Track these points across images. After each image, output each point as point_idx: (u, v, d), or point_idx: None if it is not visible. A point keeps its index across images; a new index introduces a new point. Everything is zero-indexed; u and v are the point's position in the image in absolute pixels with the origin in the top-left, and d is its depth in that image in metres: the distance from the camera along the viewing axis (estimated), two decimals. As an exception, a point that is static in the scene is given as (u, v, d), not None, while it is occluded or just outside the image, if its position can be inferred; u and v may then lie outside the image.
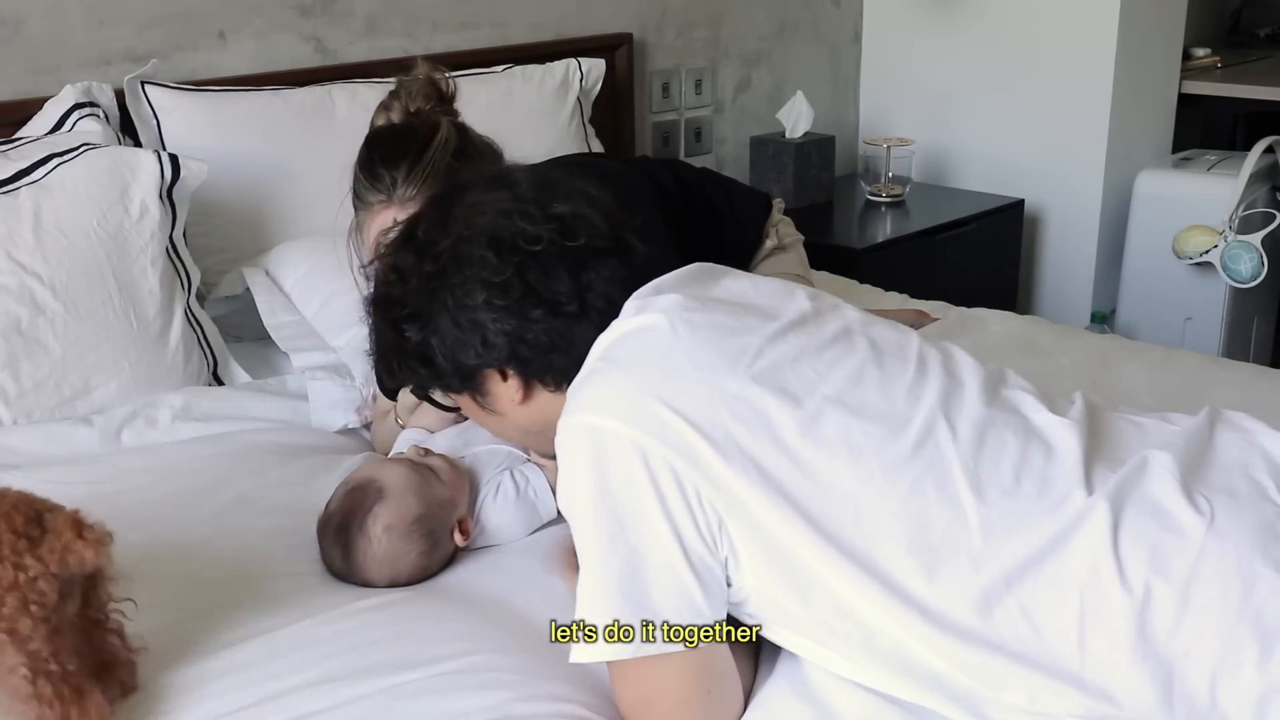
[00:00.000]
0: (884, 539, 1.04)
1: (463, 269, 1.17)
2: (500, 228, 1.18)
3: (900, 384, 1.12)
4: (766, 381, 1.09)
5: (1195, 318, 3.13)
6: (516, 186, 1.22)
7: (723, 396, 1.07)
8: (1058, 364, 1.99)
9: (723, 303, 1.18)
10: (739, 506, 1.05)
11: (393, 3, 2.44)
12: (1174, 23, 3.26)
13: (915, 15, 3.34)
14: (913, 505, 1.05)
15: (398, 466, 1.40)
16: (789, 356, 1.12)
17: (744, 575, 1.07)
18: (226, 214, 2.08)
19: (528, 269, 1.16)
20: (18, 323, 1.71)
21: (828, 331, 1.17)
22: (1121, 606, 1.00)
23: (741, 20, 3.12)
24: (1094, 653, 1.00)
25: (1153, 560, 1.01)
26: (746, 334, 1.13)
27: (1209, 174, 3.11)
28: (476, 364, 1.20)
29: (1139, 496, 1.05)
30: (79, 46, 2.08)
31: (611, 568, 1.05)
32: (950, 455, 1.07)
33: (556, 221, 1.18)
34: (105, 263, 1.79)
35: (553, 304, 1.17)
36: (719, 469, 1.05)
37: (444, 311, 1.19)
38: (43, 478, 1.60)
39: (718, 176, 2.08)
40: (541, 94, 2.46)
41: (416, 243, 1.21)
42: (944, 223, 2.97)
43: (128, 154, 1.87)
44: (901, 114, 3.40)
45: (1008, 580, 1.02)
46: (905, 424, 1.09)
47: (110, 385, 1.79)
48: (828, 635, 1.08)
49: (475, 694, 1.14)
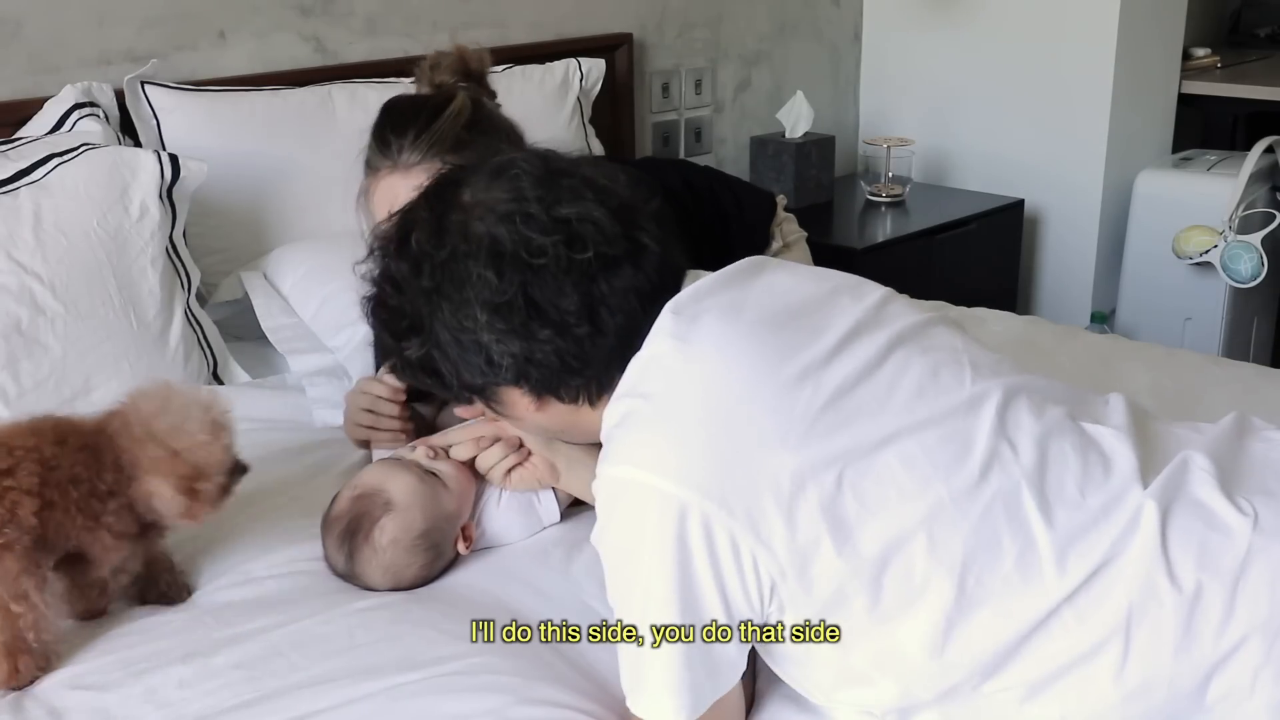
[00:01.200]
0: (956, 573, 1.01)
1: (462, 289, 1.08)
2: (500, 239, 1.08)
3: (959, 396, 1.08)
4: (833, 414, 1.03)
5: (1195, 318, 3.13)
6: (519, 180, 1.11)
7: (798, 449, 1.01)
8: (1058, 364, 1.99)
9: (767, 315, 1.11)
10: (796, 566, 1.00)
11: (393, 3, 2.44)
12: (1174, 23, 3.26)
13: (915, 15, 3.34)
14: (984, 533, 1.01)
15: (406, 476, 1.38)
16: (850, 379, 1.06)
17: (787, 618, 1.04)
18: (226, 214, 2.08)
19: (531, 286, 1.07)
20: (18, 323, 1.71)
21: (881, 339, 1.11)
22: (1172, 605, 0.99)
23: (741, 20, 3.12)
24: (1137, 652, 0.99)
25: (1200, 559, 1.00)
26: (804, 351, 1.06)
27: (1209, 174, 3.11)
28: (481, 382, 1.14)
29: (1184, 497, 1.04)
30: (79, 46, 2.07)
31: (684, 644, 1.01)
32: (1016, 474, 1.04)
33: (563, 228, 1.08)
34: (105, 263, 1.79)
35: (561, 324, 1.08)
36: (779, 528, 1.00)
37: (444, 330, 1.11)
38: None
39: (724, 177, 2.08)
40: (541, 94, 2.46)
41: (411, 253, 1.12)
42: (944, 223, 2.97)
43: (128, 154, 1.87)
44: (901, 114, 3.40)
45: (1069, 597, 1.00)
46: (970, 445, 1.05)
47: (110, 385, 1.78)
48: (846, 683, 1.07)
49: (475, 696, 1.14)
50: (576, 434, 1.20)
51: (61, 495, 1.17)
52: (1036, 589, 1.00)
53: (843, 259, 2.68)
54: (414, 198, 1.18)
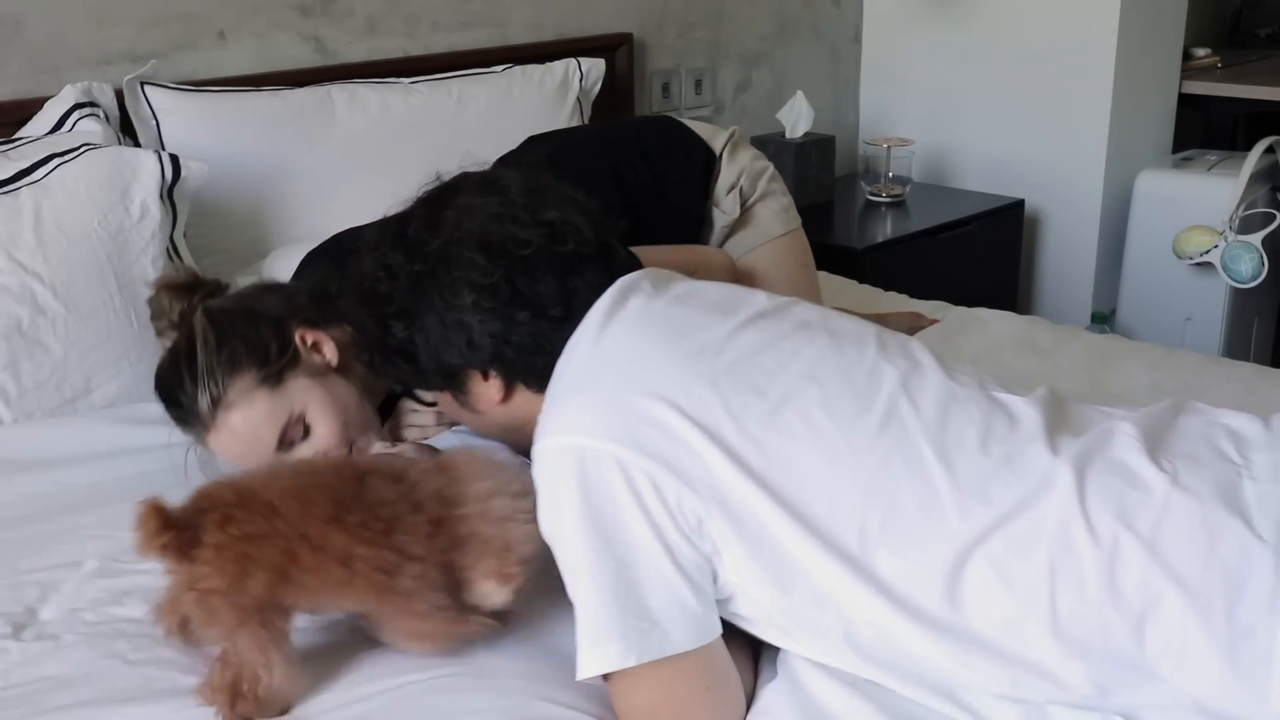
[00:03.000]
0: (856, 519, 1.06)
1: (451, 270, 1.19)
2: (490, 231, 1.20)
3: (860, 368, 1.15)
4: (730, 376, 1.11)
5: (1195, 318, 3.13)
6: (507, 191, 1.23)
7: (688, 397, 1.09)
8: (1057, 364, 1.99)
9: (683, 303, 1.21)
10: (717, 503, 1.06)
11: (393, 3, 2.44)
12: (1174, 23, 3.26)
13: (915, 15, 3.34)
14: (881, 481, 1.07)
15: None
16: (750, 349, 1.14)
17: (727, 571, 1.09)
18: (226, 214, 2.08)
19: (516, 272, 1.19)
20: (18, 323, 1.71)
21: (786, 324, 1.20)
22: (1091, 559, 1.02)
23: (741, 20, 3.12)
24: (1065, 606, 1.02)
25: (1120, 514, 1.04)
26: (707, 331, 1.16)
27: (1209, 174, 3.11)
28: (460, 364, 1.23)
29: (1103, 458, 1.08)
30: (79, 46, 2.08)
31: (603, 582, 1.06)
32: (915, 429, 1.10)
33: (546, 227, 1.20)
34: (106, 263, 1.79)
35: (538, 307, 1.19)
36: (694, 468, 1.06)
37: (431, 311, 1.21)
38: (44, 478, 1.61)
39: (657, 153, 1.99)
40: (541, 94, 2.46)
41: (407, 242, 1.22)
42: (944, 223, 2.97)
43: (128, 154, 1.87)
44: (901, 114, 3.40)
45: (979, 540, 1.04)
46: (869, 403, 1.11)
47: (111, 385, 1.79)
48: (810, 631, 1.10)
49: (480, 697, 1.14)
50: (528, 433, 1.22)
51: (317, 577, 1.12)
52: (941, 532, 1.05)
53: (843, 259, 2.69)
54: (410, 202, 1.27)
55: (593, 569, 1.07)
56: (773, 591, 1.09)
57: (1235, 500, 1.04)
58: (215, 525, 1.10)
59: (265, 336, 1.47)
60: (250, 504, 1.12)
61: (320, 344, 1.51)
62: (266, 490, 1.14)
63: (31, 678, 1.21)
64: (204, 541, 1.10)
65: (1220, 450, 1.11)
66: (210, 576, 1.10)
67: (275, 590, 1.10)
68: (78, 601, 1.34)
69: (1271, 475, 1.07)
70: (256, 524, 1.11)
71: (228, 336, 1.46)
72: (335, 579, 1.12)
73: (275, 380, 1.46)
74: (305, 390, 1.48)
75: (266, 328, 1.49)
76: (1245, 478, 1.07)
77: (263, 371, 1.45)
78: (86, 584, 1.37)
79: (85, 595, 1.35)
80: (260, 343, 1.47)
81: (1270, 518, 1.02)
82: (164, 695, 1.16)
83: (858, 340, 1.19)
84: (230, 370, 1.44)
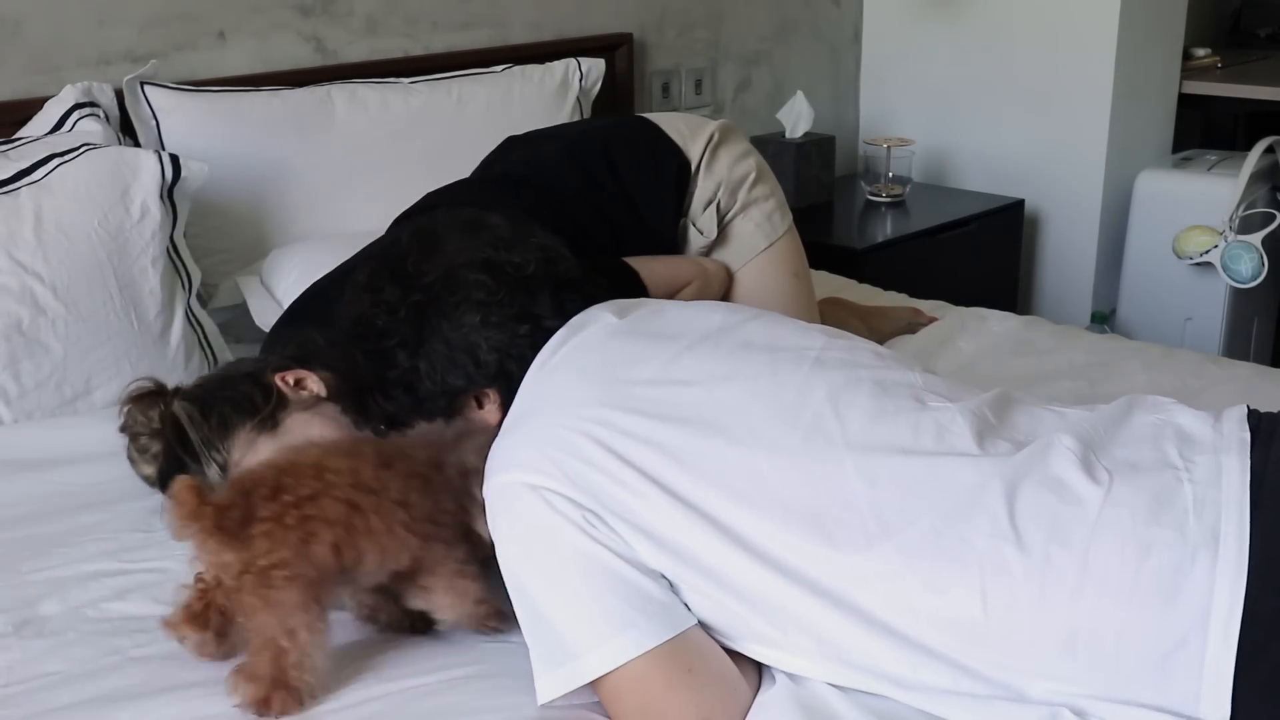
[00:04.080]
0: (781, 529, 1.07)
1: (457, 292, 1.25)
2: (491, 257, 1.27)
3: (791, 383, 1.16)
4: (654, 404, 1.14)
5: (1195, 318, 3.13)
6: (496, 229, 1.31)
7: (609, 428, 1.12)
8: (1057, 364, 1.99)
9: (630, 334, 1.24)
10: (643, 531, 1.09)
11: (393, 3, 2.44)
12: (1174, 23, 3.26)
13: (915, 15, 3.34)
14: (805, 492, 1.08)
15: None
16: (683, 377, 1.17)
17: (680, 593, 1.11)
18: (226, 214, 2.09)
19: (518, 290, 1.26)
20: (19, 323, 1.71)
21: (725, 347, 1.22)
22: (1023, 571, 1.02)
23: (741, 20, 3.12)
24: (997, 620, 1.02)
25: (1052, 530, 1.04)
26: (643, 364, 1.19)
27: (1209, 174, 3.11)
28: (464, 385, 1.26)
29: (1037, 474, 1.08)
30: (79, 46, 2.08)
31: (563, 603, 1.09)
32: (838, 441, 1.11)
33: (539, 251, 1.30)
34: (106, 263, 1.79)
35: (536, 320, 1.26)
36: (620, 497, 1.09)
37: (436, 335, 1.26)
38: (44, 478, 1.61)
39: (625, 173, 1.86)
40: (541, 94, 2.46)
41: (404, 276, 1.27)
42: (944, 223, 2.98)
43: (129, 154, 1.88)
44: (901, 114, 3.40)
45: (905, 555, 1.05)
46: (795, 419, 1.12)
47: (111, 385, 1.78)
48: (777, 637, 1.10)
49: (486, 697, 1.14)
50: None
51: (383, 519, 1.13)
52: (859, 543, 1.05)
53: (843, 259, 2.69)
54: (393, 241, 1.36)
55: (539, 596, 1.10)
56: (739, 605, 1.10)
57: (1170, 509, 1.03)
58: (266, 499, 1.08)
59: (247, 391, 1.46)
60: (297, 469, 1.11)
61: (303, 380, 1.48)
62: (307, 455, 1.14)
63: (34, 674, 1.21)
64: (258, 517, 1.07)
65: (1164, 454, 1.10)
66: (272, 550, 1.07)
67: (343, 549, 1.10)
68: (80, 599, 1.34)
69: (1211, 478, 1.05)
70: (309, 485, 1.10)
71: (211, 406, 1.44)
72: (400, 522, 1.13)
73: (271, 424, 1.44)
74: (304, 424, 1.45)
75: (245, 384, 1.47)
76: (1185, 482, 1.06)
77: (256, 420, 1.44)
78: (88, 582, 1.37)
79: (87, 593, 1.35)
80: (244, 397, 1.45)
81: (1206, 524, 1.02)
82: (166, 692, 1.16)
83: (796, 356, 1.20)
84: (225, 433, 1.42)
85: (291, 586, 1.08)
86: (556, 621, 1.09)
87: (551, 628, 1.09)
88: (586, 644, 1.08)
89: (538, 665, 1.10)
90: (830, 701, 1.11)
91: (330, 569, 1.10)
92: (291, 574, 1.08)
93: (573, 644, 1.08)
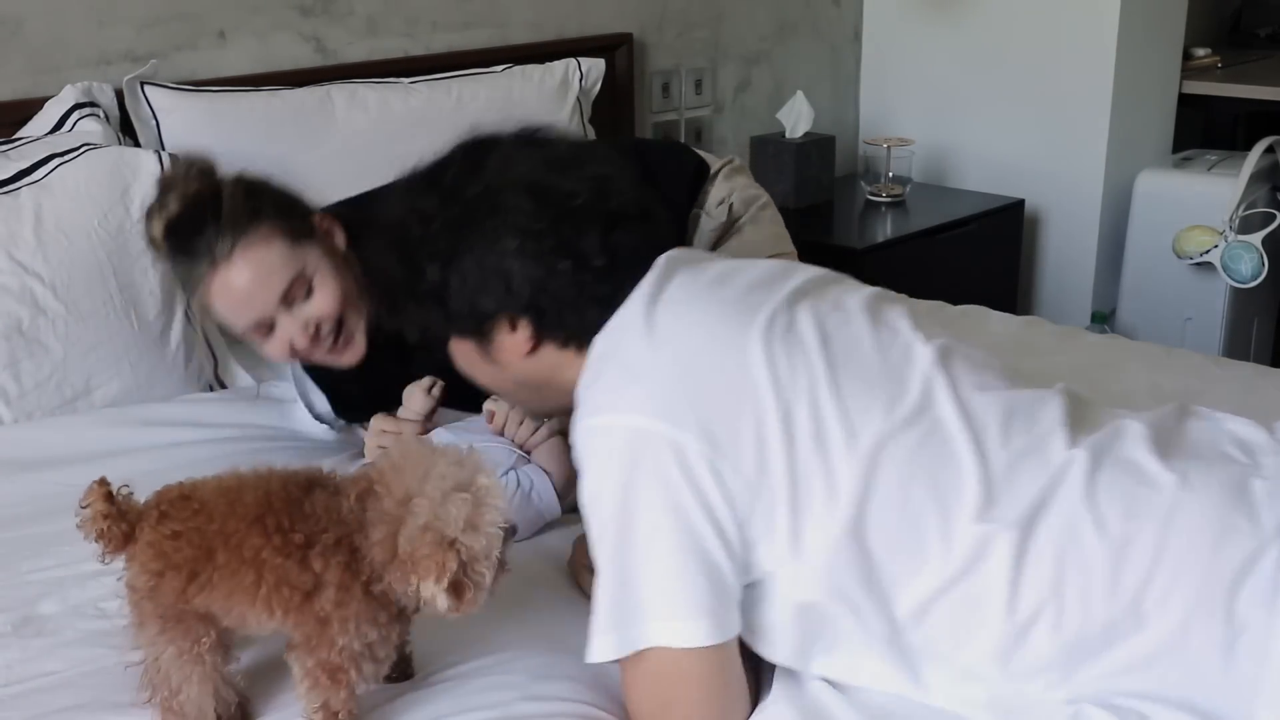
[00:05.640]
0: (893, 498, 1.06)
1: (496, 214, 1.16)
2: (539, 179, 1.18)
3: (895, 349, 1.15)
4: (785, 354, 1.10)
5: (1195, 318, 3.13)
6: (552, 146, 1.22)
7: (746, 380, 1.08)
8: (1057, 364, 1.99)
9: (726, 282, 1.19)
10: (769, 490, 1.06)
11: (393, 3, 2.44)
12: (1174, 23, 3.26)
13: (915, 14, 3.34)
14: (921, 461, 1.07)
15: None
16: (795, 324, 1.13)
17: (763, 560, 1.08)
18: (227, 214, 2.08)
19: (562, 222, 1.16)
20: (19, 323, 1.71)
21: (825, 304, 1.19)
22: (1099, 553, 1.03)
23: (741, 20, 3.12)
24: (1070, 599, 1.03)
25: (1128, 510, 1.04)
26: (758, 310, 1.14)
27: (1209, 174, 3.11)
28: (493, 309, 1.18)
29: (1114, 455, 1.09)
30: (79, 46, 2.08)
31: (638, 567, 1.05)
32: (950, 414, 1.09)
33: (592, 181, 1.19)
34: (106, 263, 1.79)
35: (581, 258, 1.16)
36: (751, 455, 1.06)
37: (470, 253, 1.17)
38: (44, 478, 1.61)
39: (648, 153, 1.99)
40: (541, 94, 2.46)
41: (443, 187, 1.20)
42: (944, 223, 2.97)
43: (129, 154, 1.88)
44: (901, 114, 3.40)
45: (1007, 526, 1.05)
46: (905, 384, 1.11)
47: (111, 385, 1.79)
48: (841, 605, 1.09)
49: (482, 693, 1.14)
50: (550, 391, 1.22)
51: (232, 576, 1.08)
52: (961, 522, 1.05)
53: (843, 259, 2.68)
54: (447, 149, 1.26)
55: (630, 553, 1.06)
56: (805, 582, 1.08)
57: (1243, 498, 1.05)
58: (152, 522, 1.08)
59: (292, 202, 1.58)
60: (186, 500, 1.09)
61: (333, 231, 1.61)
62: (205, 488, 1.11)
63: (33, 674, 1.21)
64: (138, 539, 1.08)
65: (1227, 454, 1.11)
66: (138, 575, 1.08)
67: (185, 592, 1.07)
68: (79, 599, 1.34)
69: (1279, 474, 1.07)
70: (182, 521, 1.08)
71: (257, 193, 1.54)
72: (246, 583, 1.06)
73: (294, 238, 1.55)
74: (318, 259, 1.56)
75: (293, 199, 1.59)
76: (1254, 476, 1.07)
77: (286, 225, 1.54)
78: (87, 581, 1.37)
79: (86, 593, 1.35)
80: (288, 205, 1.57)
81: (1277, 514, 1.03)
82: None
83: (891, 322, 1.18)
84: (255, 217, 1.51)
85: (152, 614, 1.08)
86: (638, 580, 1.06)
87: (628, 586, 1.06)
88: (659, 613, 1.05)
89: (600, 621, 1.07)
90: (828, 705, 1.12)
91: (181, 608, 1.08)
92: (150, 604, 1.08)
93: (645, 609, 1.05)
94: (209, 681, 1.10)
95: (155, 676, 1.10)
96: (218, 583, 1.07)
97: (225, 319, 1.59)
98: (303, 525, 1.07)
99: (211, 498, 1.09)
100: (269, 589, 1.06)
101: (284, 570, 1.06)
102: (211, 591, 1.07)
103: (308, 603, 1.07)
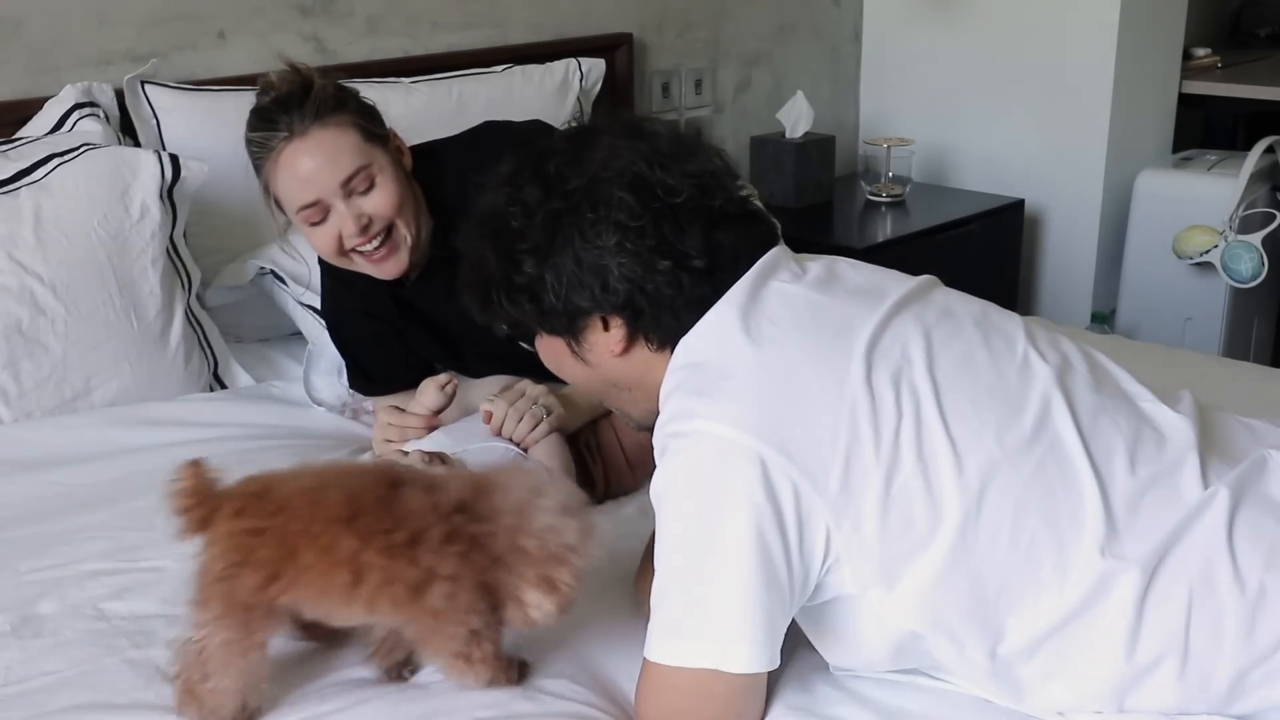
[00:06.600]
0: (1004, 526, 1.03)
1: (598, 208, 1.13)
2: (643, 173, 1.14)
3: (1011, 364, 1.11)
4: (883, 373, 1.08)
5: (1195, 318, 3.13)
6: (656, 139, 1.18)
7: (840, 401, 1.06)
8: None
9: (826, 289, 1.17)
10: (851, 518, 1.04)
11: (393, 3, 2.44)
12: (1174, 23, 3.26)
13: (915, 15, 3.34)
14: (1036, 489, 1.03)
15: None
16: (901, 339, 1.11)
17: (844, 581, 1.06)
18: (226, 214, 2.08)
19: (664, 219, 1.13)
20: (19, 323, 1.71)
21: (931, 313, 1.16)
22: (1232, 604, 0.98)
23: (741, 20, 3.12)
24: (1197, 647, 0.99)
25: (1269, 558, 0.99)
26: (858, 326, 1.12)
27: (1209, 174, 3.11)
28: (589, 307, 1.16)
29: (1257, 493, 1.03)
30: (79, 46, 2.07)
31: (704, 581, 1.04)
32: (1070, 438, 1.06)
33: (695, 178, 1.15)
34: (106, 263, 1.79)
35: (682, 256, 1.13)
36: (835, 478, 1.03)
37: (568, 248, 1.13)
38: (44, 478, 1.61)
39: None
40: (541, 94, 2.46)
41: (546, 177, 1.16)
42: (944, 223, 2.97)
43: (128, 154, 1.88)
44: (901, 114, 3.40)
45: (1132, 563, 1.00)
46: (1022, 404, 1.07)
47: (111, 385, 1.79)
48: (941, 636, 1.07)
49: (481, 692, 1.14)
50: (640, 392, 1.20)
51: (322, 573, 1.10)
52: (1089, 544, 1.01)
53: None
54: (551, 138, 1.23)
55: (708, 570, 1.04)
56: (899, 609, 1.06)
57: None
58: (230, 514, 1.09)
59: (373, 108, 1.67)
60: (264, 498, 1.11)
61: (404, 150, 1.69)
62: (284, 487, 1.12)
63: (32, 673, 1.21)
64: (217, 526, 1.09)
65: None
66: (215, 561, 1.09)
67: (265, 590, 1.08)
68: (78, 599, 1.34)
69: None
70: (262, 519, 1.09)
71: (345, 91, 1.63)
72: (340, 583, 1.08)
73: (368, 136, 1.62)
74: (385, 162, 1.63)
75: (375, 110, 1.67)
76: None
77: (364, 122, 1.62)
78: (87, 581, 1.37)
79: (85, 592, 1.35)
80: (368, 110, 1.66)
81: None
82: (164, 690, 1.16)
83: (1006, 333, 1.15)
84: (340, 106, 1.60)
85: (219, 599, 1.09)
86: (711, 597, 1.03)
87: (701, 602, 1.04)
88: (722, 636, 1.03)
89: (667, 625, 1.05)
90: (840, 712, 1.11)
91: (253, 604, 1.09)
92: (220, 588, 1.09)
93: (712, 629, 1.03)
94: (241, 678, 1.11)
95: (193, 656, 1.11)
96: (306, 582, 1.09)
97: (284, 195, 1.60)
98: (404, 524, 1.09)
99: (291, 496, 1.10)
100: (371, 589, 1.08)
101: (390, 570, 1.08)
102: (297, 591, 1.09)
103: (417, 597, 1.08)
